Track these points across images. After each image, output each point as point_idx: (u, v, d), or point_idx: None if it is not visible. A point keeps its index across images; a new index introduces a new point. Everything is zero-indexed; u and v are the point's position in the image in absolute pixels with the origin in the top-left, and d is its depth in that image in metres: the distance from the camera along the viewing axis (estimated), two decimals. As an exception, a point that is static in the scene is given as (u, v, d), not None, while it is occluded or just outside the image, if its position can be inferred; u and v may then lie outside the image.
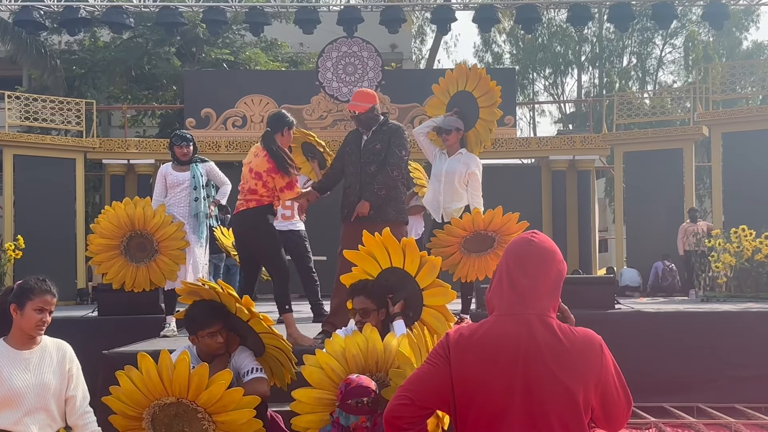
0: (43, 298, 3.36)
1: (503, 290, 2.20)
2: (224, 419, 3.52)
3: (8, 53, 19.65)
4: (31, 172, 13.59)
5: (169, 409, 3.56)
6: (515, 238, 2.31)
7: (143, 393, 3.55)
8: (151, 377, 3.52)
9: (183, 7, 14.47)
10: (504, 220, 5.72)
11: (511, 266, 2.21)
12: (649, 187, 14.36)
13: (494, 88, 6.40)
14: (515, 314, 2.16)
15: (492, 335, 2.15)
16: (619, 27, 15.67)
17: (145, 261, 6.20)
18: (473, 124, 6.47)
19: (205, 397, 3.49)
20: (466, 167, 6.27)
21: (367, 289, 4.09)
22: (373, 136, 5.69)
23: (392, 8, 14.77)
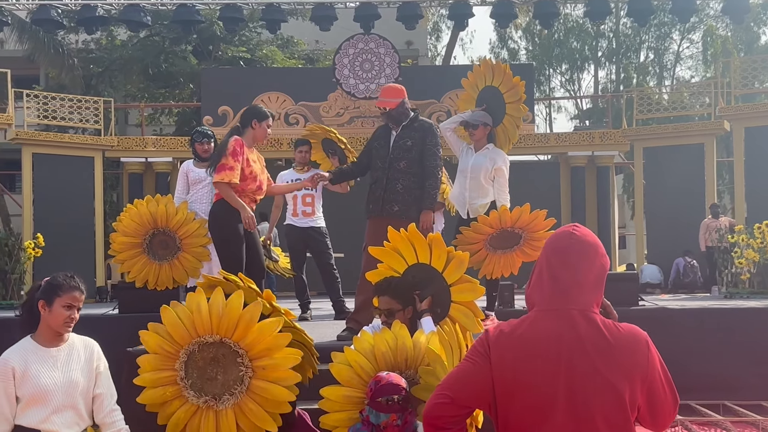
0: (72, 295, 3.32)
1: (544, 285, 2.14)
2: (265, 364, 3.49)
3: (26, 52, 19.76)
4: (49, 171, 13.63)
5: (209, 350, 3.53)
6: (556, 231, 2.23)
7: (187, 327, 3.52)
8: (201, 311, 3.50)
9: (200, 4, 14.45)
10: (531, 217, 5.65)
11: (552, 260, 2.15)
12: (669, 183, 14.21)
13: (518, 83, 6.33)
14: (557, 309, 2.09)
15: (533, 331, 2.08)
16: (639, 21, 15.49)
17: (167, 258, 6.17)
18: (501, 120, 6.40)
19: (252, 336, 3.45)
20: (492, 162, 6.20)
21: (391, 288, 4.02)
22: (404, 131, 5.61)
23: (409, 4, 14.69)
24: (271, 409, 3.51)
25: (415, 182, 5.52)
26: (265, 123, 5.59)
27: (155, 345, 3.59)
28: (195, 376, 3.56)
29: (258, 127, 5.56)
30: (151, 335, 3.59)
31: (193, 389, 3.56)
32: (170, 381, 3.60)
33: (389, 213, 5.45)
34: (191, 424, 3.56)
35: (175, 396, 3.58)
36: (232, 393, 3.52)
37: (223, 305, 3.49)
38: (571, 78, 34.70)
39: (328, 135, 7.38)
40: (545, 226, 5.70)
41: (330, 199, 7.89)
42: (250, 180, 5.46)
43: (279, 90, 15.12)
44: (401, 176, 5.50)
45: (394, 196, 5.49)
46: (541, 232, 5.68)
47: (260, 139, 5.61)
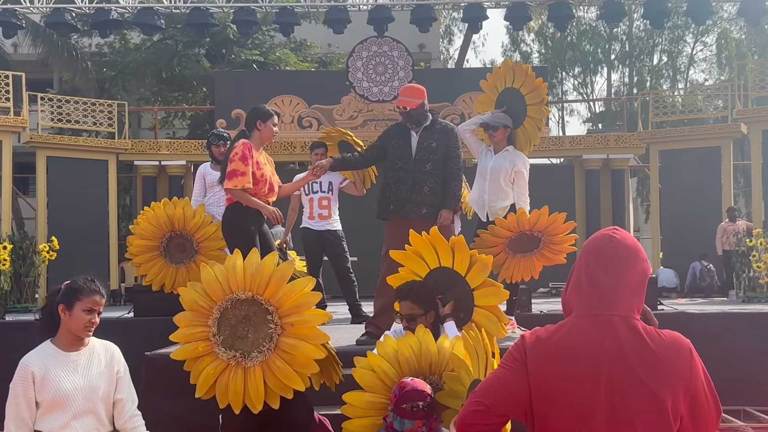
0: (92, 299, 3.27)
1: (582, 290, 2.06)
2: (293, 321, 3.50)
3: (39, 56, 19.82)
4: (63, 174, 13.64)
5: (241, 307, 3.57)
6: (594, 235, 2.15)
7: (222, 284, 3.57)
8: (236, 269, 3.56)
9: (213, 8, 14.45)
10: (550, 220, 5.58)
11: (591, 264, 2.07)
12: (685, 186, 14.09)
13: (540, 85, 6.24)
14: (597, 315, 2.02)
15: (572, 338, 2.01)
16: (654, 23, 15.38)
17: (184, 262, 6.14)
18: (521, 122, 6.32)
19: (281, 293, 3.50)
20: (512, 165, 6.12)
21: (413, 293, 3.94)
22: (426, 133, 5.56)
23: (423, 7, 14.65)
24: (299, 367, 3.49)
25: (440, 184, 5.48)
26: (270, 122, 5.46)
27: (191, 301, 3.63)
28: (227, 333, 3.60)
29: (264, 128, 5.43)
30: (188, 291, 3.65)
31: (224, 346, 3.58)
32: (202, 337, 3.62)
33: (417, 215, 5.39)
34: (220, 381, 3.57)
35: (206, 352, 3.60)
36: (260, 351, 3.53)
37: (257, 264, 3.56)
38: (584, 81, 34.57)
39: (344, 137, 7.33)
40: (565, 229, 5.63)
41: (344, 202, 7.83)
42: (261, 183, 5.38)
43: (292, 93, 15.09)
44: (427, 178, 5.45)
45: (422, 198, 5.44)
46: (561, 235, 5.61)
47: (268, 139, 5.49)
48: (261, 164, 5.38)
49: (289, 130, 14.96)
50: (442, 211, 5.40)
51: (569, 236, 5.64)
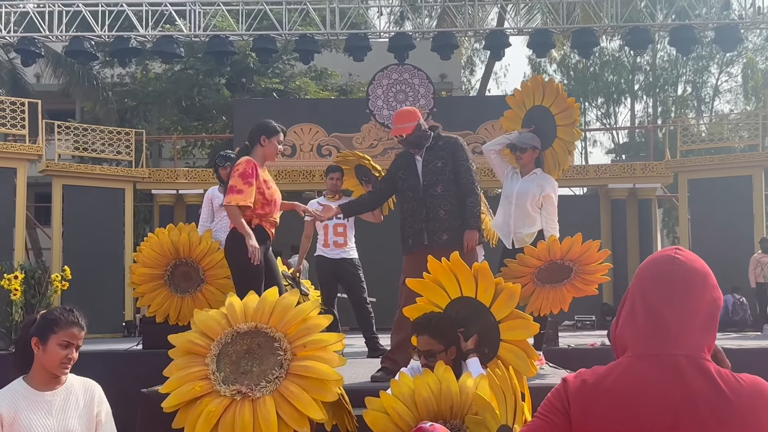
0: (69, 331, 2.90)
1: (639, 323, 1.68)
2: (305, 342, 3.17)
3: (61, 86, 19.86)
4: (80, 203, 13.48)
5: (243, 341, 3.23)
6: (652, 257, 1.76)
7: (218, 321, 3.27)
8: (234, 306, 3.26)
9: (233, 35, 14.34)
10: (583, 248, 5.19)
11: (649, 292, 1.69)
12: (715, 216, 13.63)
13: (572, 105, 5.86)
14: (658, 355, 1.63)
15: (627, 383, 1.63)
16: (681, 51, 15.07)
17: (190, 291, 5.80)
18: (550, 143, 5.89)
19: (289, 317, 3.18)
20: (540, 189, 5.72)
21: (431, 326, 3.57)
22: (429, 153, 5.18)
23: (444, 34, 14.44)
24: (315, 392, 3.11)
25: (457, 204, 5.08)
26: (275, 139, 5.13)
27: (184, 342, 3.27)
28: (228, 370, 3.25)
29: (267, 144, 5.09)
30: (180, 336, 3.31)
31: (225, 383, 3.22)
32: (200, 376, 3.25)
33: (438, 243, 4.99)
34: (225, 419, 3.15)
35: (206, 392, 3.21)
36: (269, 380, 3.17)
37: (257, 299, 3.28)
38: (607, 112, 34.22)
39: (361, 161, 7.03)
40: (599, 258, 5.24)
41: (361, 229, 7.51)
42: (272, 205, 5.05)
43: (312, 121, 14.88)
44: (441, 201, 5.06)
45: (440, 224, 5.05)
46: (594, 264, 5.22)
47: (271, 157, 5.16)
48: (269, 183, 5.07)
49: (308, 158, 14.73)
50: (466, 232, 5.00)
51: (602, 266, 5.26)
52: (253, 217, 4.98)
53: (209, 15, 14.42)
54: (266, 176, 5.10)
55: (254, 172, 4.94)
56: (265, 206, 5.02)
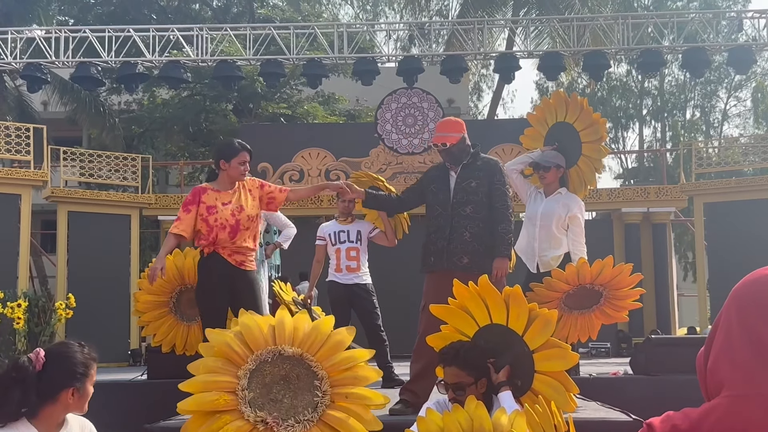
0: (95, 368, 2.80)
1: (739, 357, 1.40)
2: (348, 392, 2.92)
3: (68, 113, 19.79)
4: (85, 229, 13.29)
5: (283, 365, 2.95)
6: (750, 278, 1.49)
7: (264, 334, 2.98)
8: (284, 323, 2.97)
9: (240, 60, 14.21)
10: (615, 272, 4.92)
11: (751, 320, 1.42)
12: (732, 240, 13.33)
13: (598, 120, 5.60)
14: (765, 395, 1.36)
15: (726, 427, 1.36)
16: (693, 73, 14.86)
17: (197, 319, 5.52)
18: (575, 161, 5.62)
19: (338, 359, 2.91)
20: (566, 209, 5.45)
21: (460, 357, 3.29)
22: (465, 171, 4.90)
23: (454, 57, 14.28)
24: None
25: (485, 229, 4.79)
26: (236, 161, 4.93)
27: (222, 344, 2.99)
28: (258, 392, 2.99)
29: (228, 167, 4.93)
30: (220, 333, 3.02)
31: (251, 405, 2.96)
32: (228, 388, 2.99)
33: (457, 266, 4.69)
34: None
35: (229, 407, 2.95)
36: (299, 420, 2.92)
37: (310, 323, 3.01)
38: (615, 137, 34.07)
39: (375, 183, 6.77)
40: (631, 282, 4.97)
41: (375, 253, 7.26)
42: (217, 229, 4.87)
43: (319, 146, 14.71)
44: (468, 223, 4.77)
45: (463, 247, 4.75)
46: (626, 289, 4.95)
47: (237, 178, 4.98)
48: (217, 208, 4.89)
49: (316, 183, 14.51)
50: (496, 260, 4.70)
51: (634, 291, 4.99)
52: (203, 245, 4.93)
53: (216, 40, 14.30)
54: (220, 200, 4.93)
55: (195, 199, 4.89)
56: (210, 233, 4.87)
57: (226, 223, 4.87)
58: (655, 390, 7.03)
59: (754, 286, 1.46)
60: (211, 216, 4.87)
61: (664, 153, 19.56)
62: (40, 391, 2.67)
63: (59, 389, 2.69)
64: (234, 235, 4.89)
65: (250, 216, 4.97)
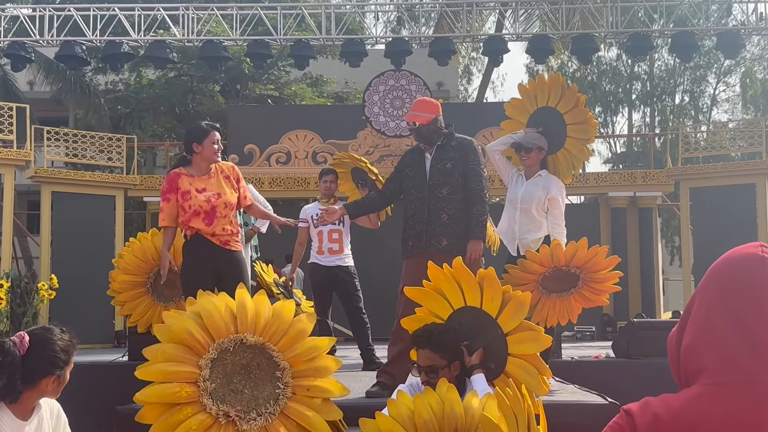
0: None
1: (721, 341, 1.33)
2: (310, 384, 2.84)
3: (53, 93, 19.60)
4: (69, 210, 13.17)
5: (244, 354, 2.86)
6: (731, 256, 1.42)
7: (226, 320, 2.86)
8: (245, 307, 2.85)
9: (227, 41, 14.09)
10: (589, 254, 4.89)
11: (733, 302, 1.34)
12: (718, 225, 13.35)
13: (591, 120, 5.50)
14: (750, 382, 1.29)
15: (714, 420, 1.27)
16: (682, 57, 14.85)
17: (174, 300, 5.47)
18: (562, 145, 5.54)
19: (301, 349, 2.81)
20: (545, 192, 5.40)
21: (433, 339, 3.26)
22: (440, 152, 4.85)
23: (442, 40, 14.21)
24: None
25: (462, 210, 4.74)
26: (208, 140, 4.86)
27: (182, 330, 2.88)
28: (218, 382, 2.90)
29: (201, 150, 4.86)
30: (179, 318, 2.91)
31: (213, 397, 2.88)
32: (189, 379, 2.89)
33: (436, 249, 4.64)
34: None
35: (191, 399, 2.87)
36: (260, 413, 2.85)
37: (271, 309, 2.88)
38: (604, 121, 34.06)
39: (357, 164, 6.74)
40: (608, 265, 4.94)
41: (357, 235, 7.23)
42: (190, 215, 4.80)
43: (306, 128, 14.61)
44: (445, 205, 4.72)
45: (441, 229, 4.70)
46: (604, 272, 4.93)
47: (210, 159, 4.90)
48: (192, 194, 4.81)
49: (303, 165, 14.46)
50: (470, 242, 4.64)
51: (612, 273, 4.96)
52: (186, 229, 4.87)
53: (203, 20, 14.17)
54: (195, 185, 4.85)
55: (172, 186, 4.84)
56: (193, 218, 4.80)
57: (200, 210, 4.80)
58: (636, 373, 7.05)
59: (734, 268, 1.39)
60: (186, 202, 4.81)
61: (652, 138, 19.53)
62: (23, 376, 2.64)
63: (41, 376, 2.67)
64: (210, 221, 4.83)
65: (227, 203, 4.90)
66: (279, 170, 14.45)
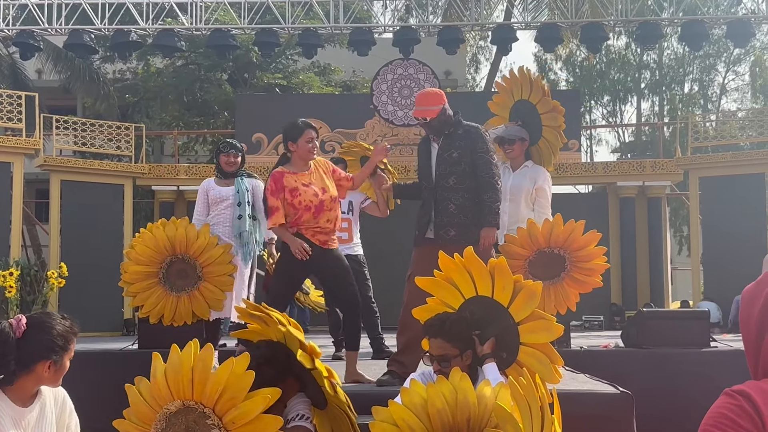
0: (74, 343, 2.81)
1: None
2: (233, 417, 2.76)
3: (62, 82, 19.62)
4: (78, 198, 13.21)
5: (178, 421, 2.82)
6: None
7: (148, 402, 2.84)
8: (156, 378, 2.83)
9: (235, 29, 14.07)
10: (566, 230, 4.82)
11: None
12: (727, 215, 13.31)
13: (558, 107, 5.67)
14: None
15: None
16: (692, 46, 14.77)
17: (186, 290, 5.47)
18: (539, 135, 5.67)
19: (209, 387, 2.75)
20: (533, 182, 5.48)
21: (445, 329, 3.26)
22: (447, 142, 4.79)
23: (450, 28, 14.18)
24: None
25: (470, 199, 4.69)
26: (303, 139, 4.96)
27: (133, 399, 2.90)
28: None
29: (297, 148, 4.96)
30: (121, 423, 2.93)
31: None
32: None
33: (444, 239, 4.61)
34: None
35: None
36: None
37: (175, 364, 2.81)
38: (613, 110, 33.93)
39: (366, 153, 6.73)
40: (589, 241, 4.89)
41: (366, 224, 7.23)
42: (302, 211, 4.88)
43: (314, 116, 14.46)
44: (452, 195, 4.69)
45: (448, 219, 4.67)
46: (589, 248, 4.87)
47: (306, 157, 4.99)
48: (299, 191, 4.88)
49: (310, 154, 14.45)
50: (483, 229, 4.59)
51: (597, 249, 4.91)
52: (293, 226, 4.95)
53: (211, 9, 14.17)
54: (300, 181, 4.93)
55: (278, 185, 4.91)
56: (295, 215, 4.89)
57: (310, 204, 4.88)
58: (646, 363, 7.03)
59: None
60: (296, 199, 4.88)
61: (661, 127, 19.41)
62: (18, 360, 2.64)
63: (36, 360, 2.66)
64: (317, 214, 4.90)
65: (333, 197, 5.01)
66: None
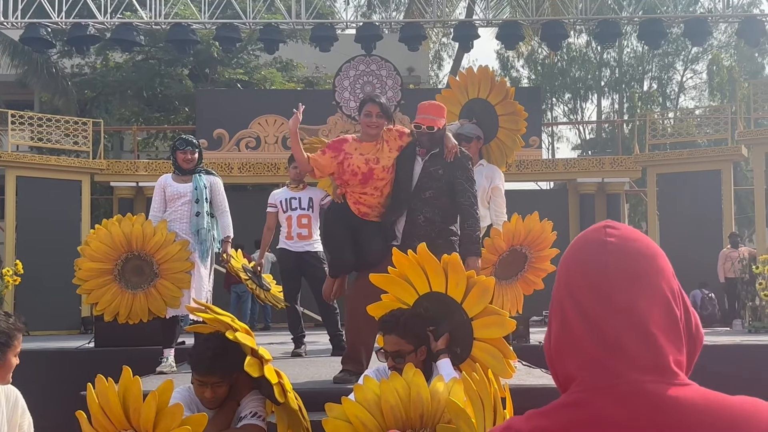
0: (20, 341, 2.81)
1: (578, 342, 1.14)
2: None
3: (18, 76, 19.24)
4: (34, 195, 12.99)
5: None
6: (575, 242, 1.20)
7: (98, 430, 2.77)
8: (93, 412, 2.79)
9: (195, 24, 13.92)
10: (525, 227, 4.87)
11: (580, 296, 1.14)
12: (684, 211, 13.56)
13: (521, 112, 5.67)
14: (613, 385, 1.09)
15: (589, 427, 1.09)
16: (650, 44, 14.98)
17: (143, 287, 5.40)
18: (494, 135, 5.68)
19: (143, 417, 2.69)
20: (489, 181, 5.49)
21: (399, 325, 3.26)
22: (434, 159, 4.76)
23: (412, 25, 14.19)
24: None
25: (439, 215, 4.68)
26: (364, 111, 5.01)
27: None
28: None
29: (361, 119, 5.10)
30: None
31: None
32: None
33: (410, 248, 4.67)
34: None
35: None
36: None
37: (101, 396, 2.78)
38: (573, 107, 34.31)
39: (325, 150, 6.70)
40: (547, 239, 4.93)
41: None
42: (348, 174, 4.94)
43: (276, 112, 14.52)
44: (424, 207, 4.69)
45: (416, 230, 4.66)
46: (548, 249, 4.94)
47: (364, 129, 5.03)
48: (353, 156, 4.95)
49: (272, 150, 14.39)
50: (469, 259, 4.43)
51: (552, 251, 4.98)
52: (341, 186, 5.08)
53: (171, 2, 13.98)
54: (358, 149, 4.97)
55: (335, 145, 5.05)
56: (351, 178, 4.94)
57: (357, 171, 4.92)
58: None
59: (579, 254, 1.19)
60: (346, 161, 4.95)
61: (620, 124, 19.69)
62: None
63: None
64: (365, 182, 4.92)
65: (384, 167, 4.95)
66: (248, 155, 14.37)
